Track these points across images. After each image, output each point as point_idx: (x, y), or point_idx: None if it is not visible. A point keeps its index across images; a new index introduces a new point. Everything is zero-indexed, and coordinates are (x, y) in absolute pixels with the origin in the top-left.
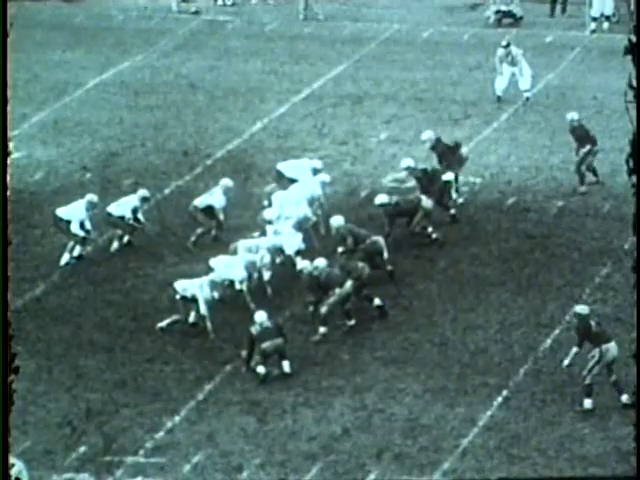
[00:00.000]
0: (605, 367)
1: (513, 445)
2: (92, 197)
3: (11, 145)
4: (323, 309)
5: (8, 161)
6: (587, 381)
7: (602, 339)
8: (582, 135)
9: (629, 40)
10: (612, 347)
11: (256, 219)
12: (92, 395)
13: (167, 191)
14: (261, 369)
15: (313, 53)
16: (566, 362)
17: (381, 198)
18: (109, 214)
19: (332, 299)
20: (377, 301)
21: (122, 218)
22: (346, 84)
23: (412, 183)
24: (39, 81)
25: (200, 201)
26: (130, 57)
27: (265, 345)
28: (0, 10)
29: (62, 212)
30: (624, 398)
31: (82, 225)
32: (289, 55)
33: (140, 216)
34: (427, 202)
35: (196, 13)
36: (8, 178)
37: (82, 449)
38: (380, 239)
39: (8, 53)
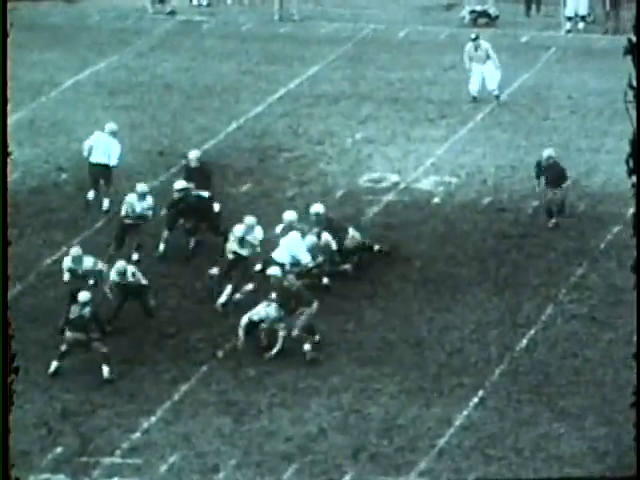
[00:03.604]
0: None
1: (489, 445)
2: (76, 250)
3: None
4: (296, 332)
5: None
6: None
7: None
8: (556, 174)
9: (629, 40)
10: None
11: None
12: (68, 396)
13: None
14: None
15: (289, 53)
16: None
17: (317, 208)
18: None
19: (303, 321)
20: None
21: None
22: (322, 84)
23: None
24: (15, 81)
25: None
26: (106, 57)
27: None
28: (0, 10)
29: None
30: None
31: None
32: (265, 55)
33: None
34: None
35: (171, 13)
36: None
37: (58, 450)
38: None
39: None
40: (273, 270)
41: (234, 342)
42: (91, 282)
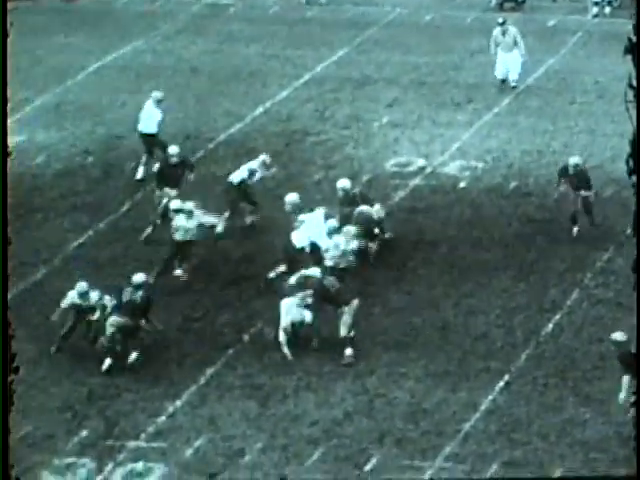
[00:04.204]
0: None
1: (514, 430)
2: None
3: (11, 129)
4: (344, 332)
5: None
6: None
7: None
8: (581, 181)
9: (629, 40)
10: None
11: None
12: (93, 379)
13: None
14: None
15: (315, 37)
16: (622, 396)
17: (343, 182)
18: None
19: (348, 319)
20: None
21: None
22: (348, 68)
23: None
24: (41, 65)
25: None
26: (132, 41)
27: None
28: (0, 10)
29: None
30: None
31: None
32: (291, 39)
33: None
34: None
35: None
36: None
37: (83, 433)
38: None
39: (11, 36)
40: (312, 271)
41: (259, 326)
42: (96, 317)
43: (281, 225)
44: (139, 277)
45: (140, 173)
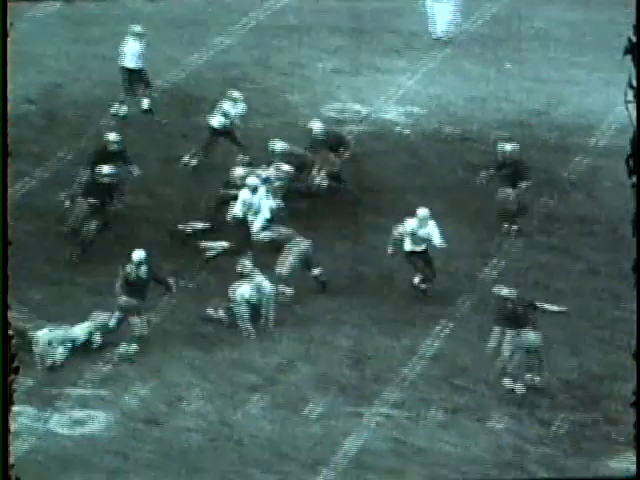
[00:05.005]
0: (526, 353)
1: (457, 375)
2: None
3: None
4: (284, 270)
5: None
6: (509, 369)
7: (521, 322)
8: (516, 171)
9: (629, 40)
10: (532, 336)
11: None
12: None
13: (113, 122)
14: None
15: None
16: (491, 344)
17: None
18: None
19: (290, 258)
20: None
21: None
22: (289, 15)
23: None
24: None
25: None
26: None
27: None
28: (0, 10)
29: None
30: (537, 379)
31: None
32: None
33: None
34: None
35: None
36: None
37: (28, 382)
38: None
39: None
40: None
41: (204, 275)
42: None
43: (225, 172)
44: (139, 254)
45: (115, 109)
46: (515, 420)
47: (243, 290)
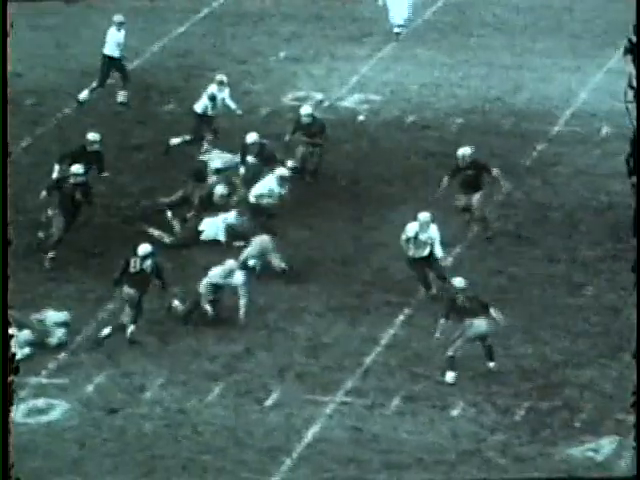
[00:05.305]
0: (471, 341)
1: (415, 363)
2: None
3: None
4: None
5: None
6: (450, 353)
7: (468, 314)
8: (471, 178)
9: (629, 40)
10: (478, 323)
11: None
12: None
13: (68, 110)
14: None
15: None
16: (437, 335)
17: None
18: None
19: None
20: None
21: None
22: (246, 3)
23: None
24: None
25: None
26: None
27: None
28: (0, 10)
29: None
30: (491, 365)
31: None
32: None
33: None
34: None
35: None
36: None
37: None
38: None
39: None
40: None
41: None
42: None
43: (183, 162)
44: (145, 247)
45: (84, 95)
46: (473, 407)
47: (213, 272)
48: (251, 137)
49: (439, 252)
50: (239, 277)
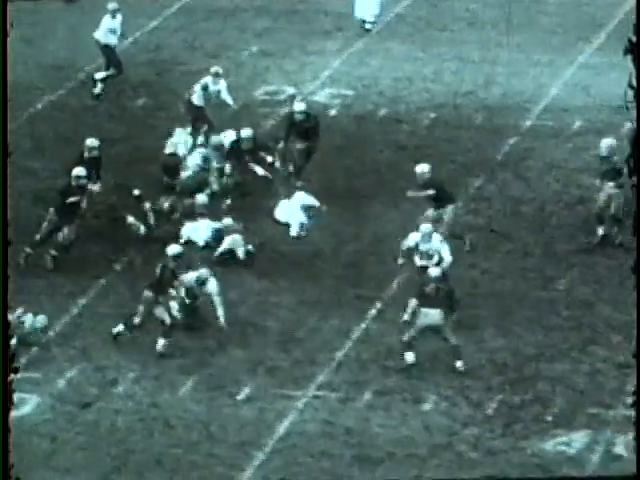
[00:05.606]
0: (423, 331)
1: (387, 357)
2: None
3: None
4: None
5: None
6: (405, 339)
7: (431, 303)
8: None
9: (629, 40)
10: (432, 314)
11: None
12: None
13: (40, 106)
14: None
15: None
16: (405, 317)
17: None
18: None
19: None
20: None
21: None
22: None
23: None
24: None
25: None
26: None
27: None
28: (0, 10)
29: None
30: (458, 364)
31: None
32: None
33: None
34: None
35: None
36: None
37: None
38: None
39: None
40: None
41: (132, 255)
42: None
43: (155, 156)
44: (174, 249)
45: (98, 89)
46: (445, 401)
47: (187, 277)
48: (245, 132)
49: (448, 261)
50: (213, 286)
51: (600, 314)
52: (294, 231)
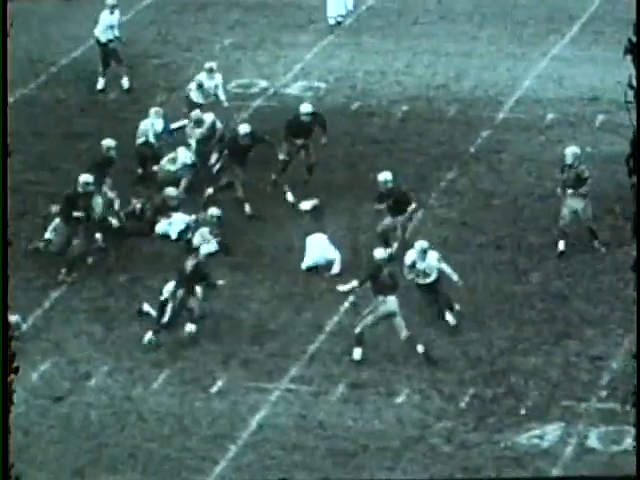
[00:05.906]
0: (380, 320)
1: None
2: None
3: None
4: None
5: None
6: (358, 330)
7: (384, 290)
8: (399, 198)
9: (629, 40)
10: (390, 301)
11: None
12: None
13: (11, 100)
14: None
15: None
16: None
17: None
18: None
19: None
20: None
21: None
22: None
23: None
24: None
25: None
26: None
27: None
28: (0, 10)
29: None
30: (419, 348)
31: None
32: None
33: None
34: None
35: None
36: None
37: None
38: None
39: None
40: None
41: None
42: None
43: (127, 150)
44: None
45: (100, 83)
46: (418, 394)
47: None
48: (243, 128)
49: (457, 279)
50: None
51: (574, 308)
52: (337, 268)
